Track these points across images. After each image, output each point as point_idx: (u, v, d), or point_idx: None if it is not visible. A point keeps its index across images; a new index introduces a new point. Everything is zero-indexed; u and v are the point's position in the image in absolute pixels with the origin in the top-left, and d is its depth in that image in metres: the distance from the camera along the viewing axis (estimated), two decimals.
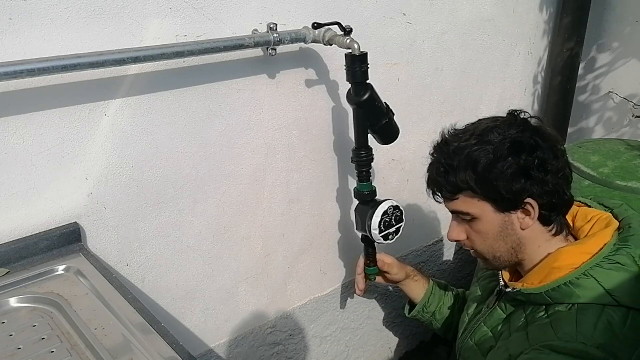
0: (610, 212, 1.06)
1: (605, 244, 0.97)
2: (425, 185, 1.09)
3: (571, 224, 1.07)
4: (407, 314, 1.45)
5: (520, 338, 0.99)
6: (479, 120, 1.05)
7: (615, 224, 1.02)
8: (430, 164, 1.07)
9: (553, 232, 1.02)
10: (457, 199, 1.03)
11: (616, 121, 1.97)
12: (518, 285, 1.03)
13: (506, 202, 0.99)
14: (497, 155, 0.96)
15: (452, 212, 1.08)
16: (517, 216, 1.00)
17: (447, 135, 1.06)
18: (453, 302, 1.40)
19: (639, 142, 1.55)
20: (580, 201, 1.12)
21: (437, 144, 1.06)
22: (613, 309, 0.92)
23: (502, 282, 1.10)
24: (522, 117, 1.02)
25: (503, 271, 1.12)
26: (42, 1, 0.87)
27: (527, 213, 0.99)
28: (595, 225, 1.03)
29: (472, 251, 1.10)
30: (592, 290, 0.93)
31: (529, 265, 1.05)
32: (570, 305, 0.95)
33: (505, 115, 1.04)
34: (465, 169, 0.99)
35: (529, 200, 0.97)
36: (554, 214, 1.00)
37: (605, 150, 1.51)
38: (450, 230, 1.10)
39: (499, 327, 1.08)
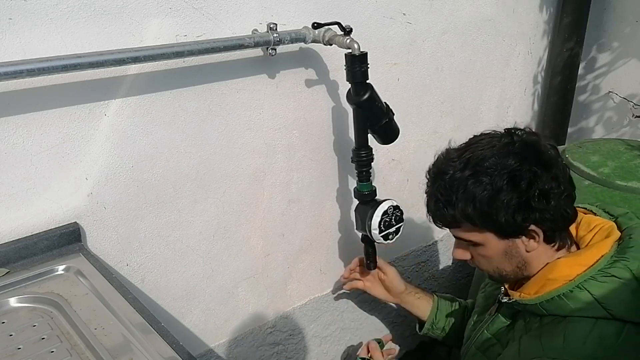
0: (615, 220, 1.04)
1: (602, 256, 0.95)
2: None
3: (575, 232, 1.05)
4: (418, 332, 1.43)
5: (513, 348, 0.99)
6: (474, 141, 1.00)
7: (617, 234, 0.99)
8: (428, 196, 1.03)
9: (556, 247, 1.00)
10: (458, 227, 1.01)
11: (616, 121, 1.97)
12: (515, 295, 1.02)
13: (509, 231, 0.97)
14: (496, 189, 0.92)
15: (456, 237, 1.06)
16: (521, 240, 0.98)
17: (441, 163, 1.00)
18: (462, 314, 1.38)
19: (639, 142, 1.55)
20: (586, 208, 1.10)
21: (432, 173, 1.02)
22: (607, 322, 0.90)
23: (502, 290, 1.08)
24: (519, 137, 0.97)
25: None
26: (42, 1, 0.87)
27: (532, 237, 0.97)
28: (596, 236, 1.00)
29: (477, 268, 1.09)
30: (585, 303, 0.91)
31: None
32: (562, 317, 0.94)
33: (501, 132, 0.99)
34: (464, 204, 0.95)
35: (532, 227, 0.95)
36: (558, 233, 0.98)
37: (606, 150, 1.51)
38: (454, 251, 1.08)
39: (504, 334, 1.07)
